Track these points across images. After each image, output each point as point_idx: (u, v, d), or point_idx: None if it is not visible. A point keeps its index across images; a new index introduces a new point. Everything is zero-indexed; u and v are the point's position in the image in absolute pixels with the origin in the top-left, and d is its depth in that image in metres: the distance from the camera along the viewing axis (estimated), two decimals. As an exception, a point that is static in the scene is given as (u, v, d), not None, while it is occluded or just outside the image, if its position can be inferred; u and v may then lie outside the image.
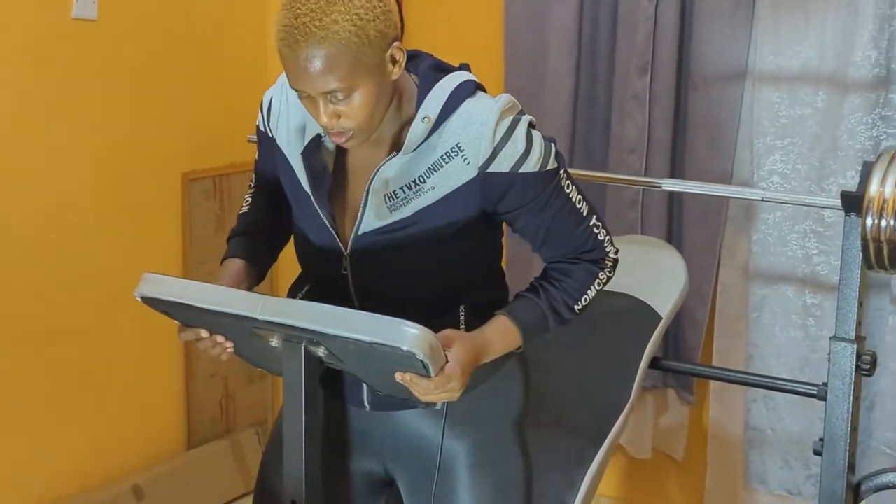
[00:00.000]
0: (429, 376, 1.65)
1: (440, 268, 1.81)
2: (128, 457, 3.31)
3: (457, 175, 1.75)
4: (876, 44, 2.82)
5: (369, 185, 1.77)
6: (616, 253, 1.88)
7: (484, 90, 1.81)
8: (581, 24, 3.15)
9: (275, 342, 1.77)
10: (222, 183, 3.47)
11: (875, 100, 2.85)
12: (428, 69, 1.80)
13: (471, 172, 1.74)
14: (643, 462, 3.32)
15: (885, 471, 2.40)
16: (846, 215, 2.26)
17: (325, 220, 1.81)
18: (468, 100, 1.76)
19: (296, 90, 1.69)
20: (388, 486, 2.02)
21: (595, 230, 1.84)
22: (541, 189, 1.78)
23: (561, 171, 1.81)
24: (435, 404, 1.79)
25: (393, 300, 1.79)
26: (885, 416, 2.89)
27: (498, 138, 1.73)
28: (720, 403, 3.22)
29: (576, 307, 1.84)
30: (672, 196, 3.13)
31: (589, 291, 1.85)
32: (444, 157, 1.75)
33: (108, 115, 3.14)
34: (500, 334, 1.78)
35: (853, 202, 2.22)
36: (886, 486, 2.38)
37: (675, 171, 3.13)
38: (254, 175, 2.04)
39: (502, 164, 1.74)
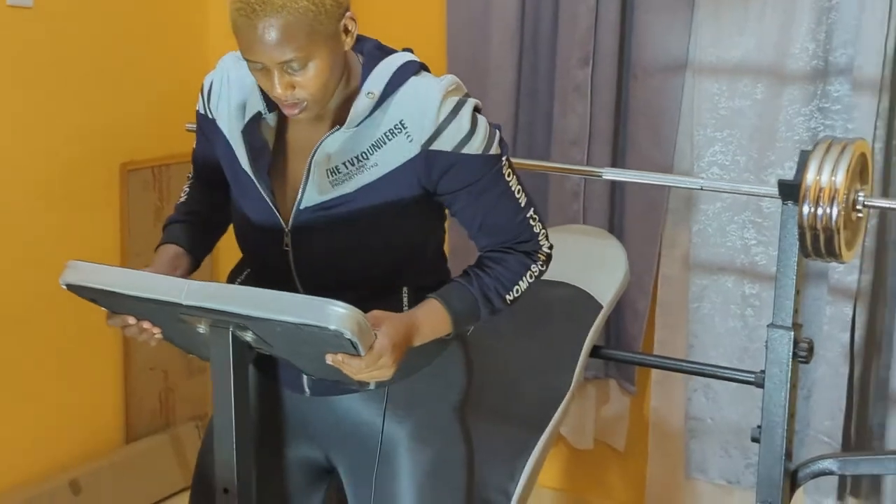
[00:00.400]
0: (359, 355, 1.64)
1: (382, 247, 1.80)
2: (65, 451, 3.27)
3: (400, 152, 1.75)
4: (814, 36, 2.85)
5: (311, 159, 1.77)
6: (550, 248, 1.88)
7: (428, 70, 1.82)
8: (523, 17, 3.15)
9: (202, 328, 1.75)
10: (161, 174, 3.44)
11: (813, 91, 2.88)
12: (373, 48, 1.81)
13: (413, 150, 1.75)
14: (585, 453, 3.33)
15: (821, 457, 2.42)
16: (783, 204, 2.27)
17: (266, 197, 1.81)
18: (413, 77, 1.78)
19: (249, 61, 1.69)
20: (328, 474, 2.01)
21: (531, 222, 1.86)
22: (481, 173, 1.78)
23: (503, 159, 1.82)
24: (369, 384, 1.78)
25: (334, 280, 1.78)
26: (822, 404, 2.92)
27: (442, 117, 1.74)
28: (661, 393, 3.24)
29: (507, 297, 1.83)
30: (614, 187, 3.14)
31: (521, 282, 1.84)
32: (388, 133, 1.75)
33: (45, 105, 3.10)
34: (431, 317, 1.78)
35: (790, 191, 2.24)
36: (823, 473, 2.40)
37: (617, 163, 3.14)
38: (192, 165, 2.03)
39: (445, 143, 1.75)
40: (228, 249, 2.06)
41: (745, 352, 3.06)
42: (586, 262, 2.77)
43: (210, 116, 1.89)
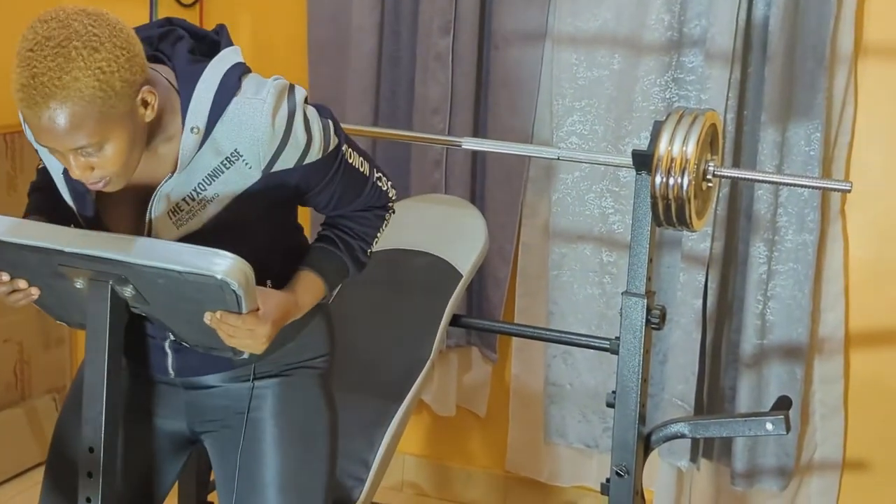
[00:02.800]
0: (240, 313, 1.64)
1: (241, 251, 1.70)
2: (-86, 426, 3.17)
3: (240, 180, 1.71)
4: (669, 7, 2.89)
5: (149, 215, 1.72)
6: (395, 192, 1.96)
7: (248, 71, 1.74)
8: (385, -19, 3.14)
9: (80, 283, 1.71)
10: (14, 141, 3.34)
11: (668, 62, 2.93)
12: (184, 65, 1.71)
13: (255, 175, 1.72)
14: (447, 419, 3.36)
15: (673, 421, 2.48)
16: (637, 174, 2.31)
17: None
18: (235, 98, 1.69)
19: (43, 147, 1.60)
20: (190, 446, 2.02)
21: (378, 183, 1.90)
22: (327, 169, 1.80)
23: (342, 147, 1.82)
24: (242, 353, 1.75)
25: None
26: (677, 369, 2.99)
27: (277, 141, 1.69)
28: (521, 360, 3.28)
29: (369, 251, 1.91)
30: (475, 157, 3.16)
31: (378, 234, 1.92)
32: (224, 162, 1.70)
33: None
34: (309, 289, 1.83)
35: (643, 161, 2.28)
36: (675, 436, 2.46)
37: (479, 132, 3.16)
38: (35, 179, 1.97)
39: (286, 162, 1.73)
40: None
41: (603, 318, 3.11)
42: (446, 231, 2.78)
43: (36, 147, 1.74)
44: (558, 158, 2.63)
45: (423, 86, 3.13)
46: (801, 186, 2.78)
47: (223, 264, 1.59)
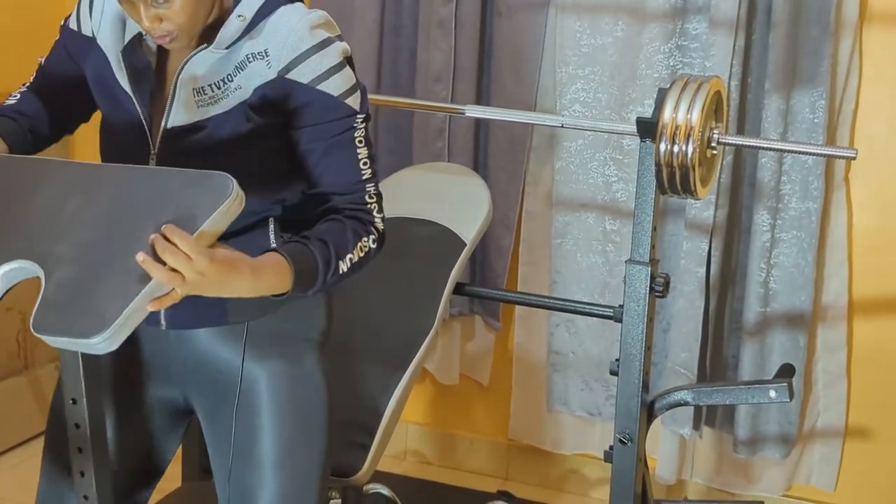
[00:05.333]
0: (193, 230, 1.54)
1: (247, 174, 1.69)
2: (-82, 395, 3.18)
3: (257, 76, 1.74)
4: (673, -26, 2.88)
5: (177, 77, 1.76)
6: (383, 227, 1.82)
7: (302, 2, 1.81)
8: (387, -50, 3.13)
9: None
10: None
11: (672, 29, 2.92)
12: None
13: (270, 75, 1.74)
14: (450, 388, 3.37)
15: (676, 389, 2.48)
16: (641, 141, 2.31)
17: (143, 119, 1.78)
18: (284, 7, 1.77)
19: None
20: (187, 416, 2.00)
21: (369, 198, 1.80)
22: (333, 117, 1.76)
23: (359, 119, 1.79)
24: (172, 292, 1.57)
25: None
26: (680, 337, 2.99)
27: (304, 48, 1.73)
28: (525, 329, 3.28)
29: (342, 264, 1.75)
30: (478, 125, 3.15)
31: (353, 255, 1.76)
32: (249, 56, 1.74)
33: None
34: (270, 266, 1.66)
35: (648, 128, 2.27)
36: (678, 404, 2.47)
37: (482, 100, 3.15)
38: (33, 78, 1.97)
39: (303, 75, 1.74)
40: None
41: (606, 286, 3.11)
42: (450, 199, 2.78)
43: (88, 34, 1.85)
44: (562, 126, 2.62)
45: (425, 54, 3.12)
46: (807, 154, 2.77)
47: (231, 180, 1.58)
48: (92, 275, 1.55)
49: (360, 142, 1.80)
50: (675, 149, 2.23)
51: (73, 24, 1.88)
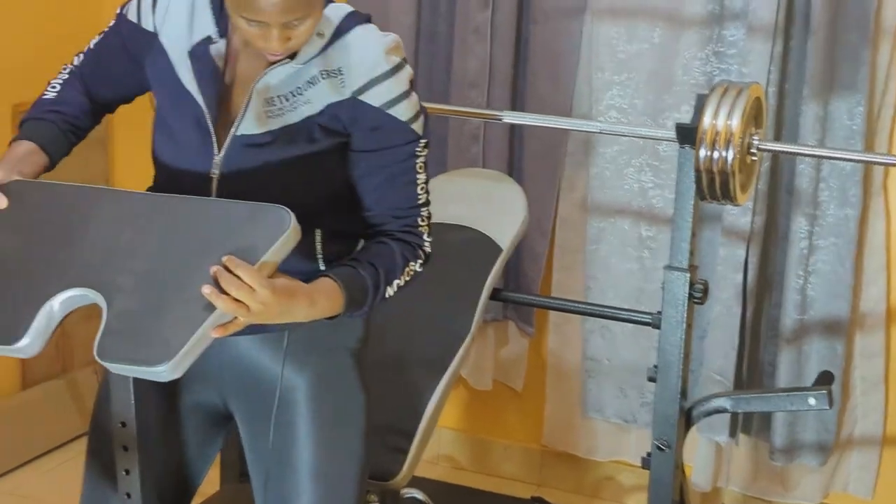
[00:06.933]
0: (254, 262, 1.59)
1: (303, 187, 1.77)
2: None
3: (329, 93, 1.76)
4: (710, -20, 2.88)
5: (254, 87, 1.76)
6: (430, 252, 1.87)
7: (371, 23, 1.83)
8: (423, -43, 3.14)
9: None
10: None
11: (709, 36, 2.91)
12: None
13: (343, 94, 1.76)
14: (483, 393, 3.37)
15: (714, 396, 2.48)
16: (680, 147, 2.31)
17: (209, 122, 1.78)
18: (362, 25, 1.79)
19: (248, 19, 1.66)
20: (226, 421, 2.00)
21: (421, 221, 1.85)
22: (397, 141, 1.79)
23: (422, 144, 1.82)
24: (234, 318, 1.62)
25: None
26: (716, 344, 2.99)
27: (380, 71, 1.76)
28: (559, 335, 3.28)
29: (390, 289, 1.80)
30: (513, 130, 3.15)
31: (401, 280, 1.81)
32: (323, 73, 1.76)
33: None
34: (325, 292, 1.72)
35: (687, 134, 2.27)
36: (716, 411, 2.46)
37: (517, 106, 3.14)
38: (77, 64, 1.96)
39: (374, 98, 1.76)
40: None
41: (641, 293, 3.11)
42: (486, 205, 2.78)
43: (150, 29, 1.84)
44: (600, 132, 2.63)
45: (460, 60, 3.12)
46: (845, 160, 2.76)
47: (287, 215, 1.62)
48: (154, 304, 1.60)
49: (420, 167, 1.83)
50: (715, 155, 2.22)
51: (131, 16, 1.87)
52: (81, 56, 1.97)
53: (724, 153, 2.21)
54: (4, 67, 3.21)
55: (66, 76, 1.96)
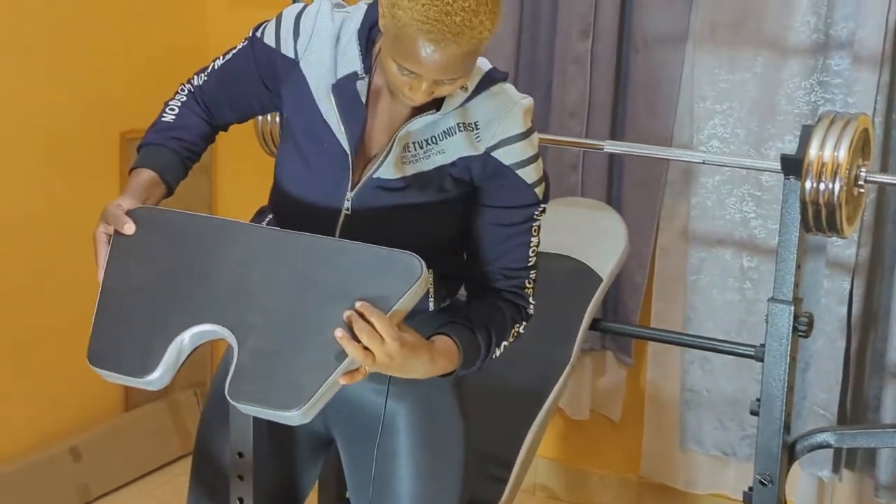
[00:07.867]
0: (386, 310, 1.60)
1: (424, 233, 1.79)
2: (66, 418, 3.29)
3: (465, 146, 1.77)
4: (815, 9, 2.85)
5: (398, 133, 1.77)
6: (532, 314, 1.91)
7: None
8: (523, -13, 3.15)
9: None
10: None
11: (813, 65, 2.88)
12: None
13: (478, 149, 1.77)
14: (581, 423, 3.35)
15: (818, 430, 2.43)
16: (785, 178, 2.28)
17: (349, 156, 1.78)
18: (500, 84, 1.80)
19: (402, 66, 1.66)
20: (327, 446, 2.03)
21: (528, 283, 1.88)
22: (520, 202, 1.82)
23: (541, 208, 1.85)
24: (361, 368, 1.64)
25: None
26: (820, 377, 2.94)
27: (516, 131, 1.78)
28: (657, 365, 3.26)
29: (498, 350, 1.86)
30: (612, 160, 3.15)
31: (506, 340, 1.86)
32: (460, 125, 1.77)
33: (45, 72, 3.09)
34: (444, 352, 1.75)
35: (793, 165, 2.24)
36: (821, 446, 2.42)
37: (616, 135, 3.14)
38: (198, 84, 1.95)
39: (507, 156, 1.78)
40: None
41: (742, 324, 3.07)
42: (586, 234, 2.77)
43: (290, 56, 1.83)
44: (703, 162, 2.61)
45: (560, 90, 3.13)
46: (954, 192, 2.71)
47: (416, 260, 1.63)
48: (287, 347, 1.62)
49: (535, 231, 1.86)
50: (822, 186, 2.19)
51: (268, 40, 1.85)
52: (203, 76, 1.95)
53: (830, 185, 2.18)
54: (112, 95, 3.29)
55: (185, 97, 1.95)
